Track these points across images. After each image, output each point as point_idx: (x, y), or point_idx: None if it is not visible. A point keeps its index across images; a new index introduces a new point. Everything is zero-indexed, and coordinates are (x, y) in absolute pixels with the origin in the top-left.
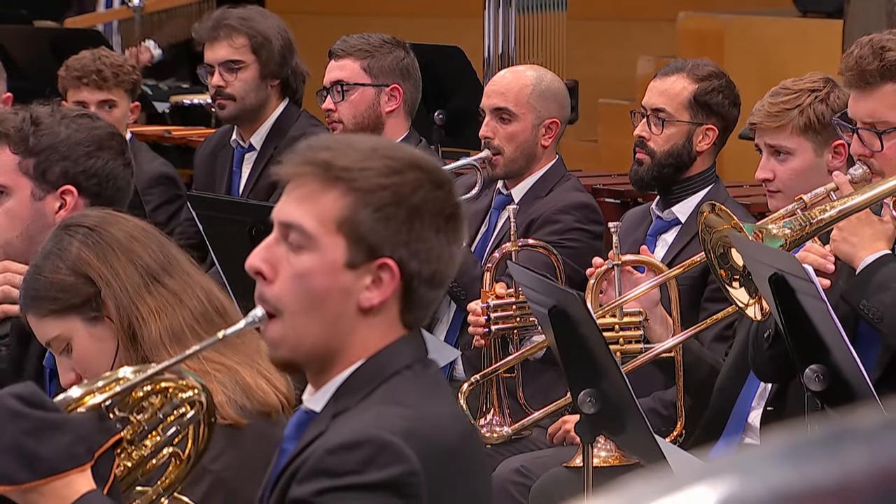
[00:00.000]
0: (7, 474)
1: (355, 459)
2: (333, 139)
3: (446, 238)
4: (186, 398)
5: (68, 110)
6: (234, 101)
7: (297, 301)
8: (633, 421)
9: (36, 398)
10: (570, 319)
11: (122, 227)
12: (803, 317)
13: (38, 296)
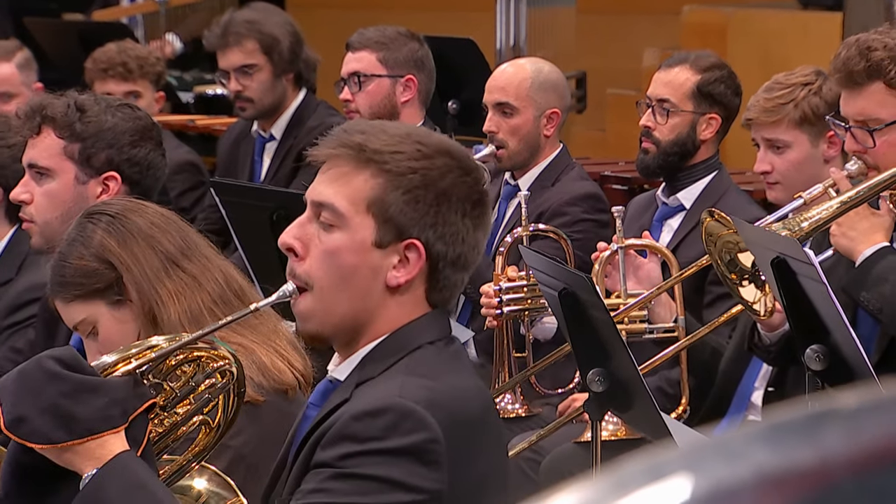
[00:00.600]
0: (45, 434)
1: (379, 426)
2: (368, 124)
3: (472, 223)
4: (218, 367)
5: (111, 99)
6: (252, 103)
7: (326, 277)
8: (639, 399)
9: (74, 361)
10: (580, 301)
11: (144, 215)
12: (804, 299)
13: (64, 282)
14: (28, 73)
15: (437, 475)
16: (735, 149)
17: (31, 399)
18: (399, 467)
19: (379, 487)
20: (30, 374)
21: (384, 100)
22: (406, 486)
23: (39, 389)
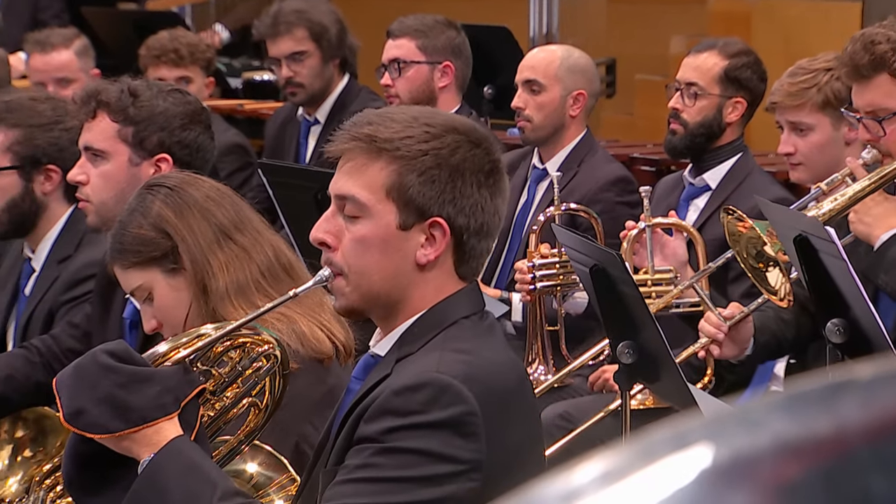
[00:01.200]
0: (102, 424)
1: (419, 400)
2: (375, 114)
3: (489, 192)
4: (262, 352)
5: (162, 85)
6: (303, 88)
7: (358, 263)
8: (667, 370)
9: (126, 354)
10: (610, 277)
11: (200, 188)
12: (825, 274)
13: (123, 249)
14: (86, 60)
15: (475, 446)
16: (759, 132)
17: (88, 392)
18: (439, 439)
19: (421, 460)
20: (85, 368)
21: (423, 85)
22: (446, 457)
23: (95, 382)
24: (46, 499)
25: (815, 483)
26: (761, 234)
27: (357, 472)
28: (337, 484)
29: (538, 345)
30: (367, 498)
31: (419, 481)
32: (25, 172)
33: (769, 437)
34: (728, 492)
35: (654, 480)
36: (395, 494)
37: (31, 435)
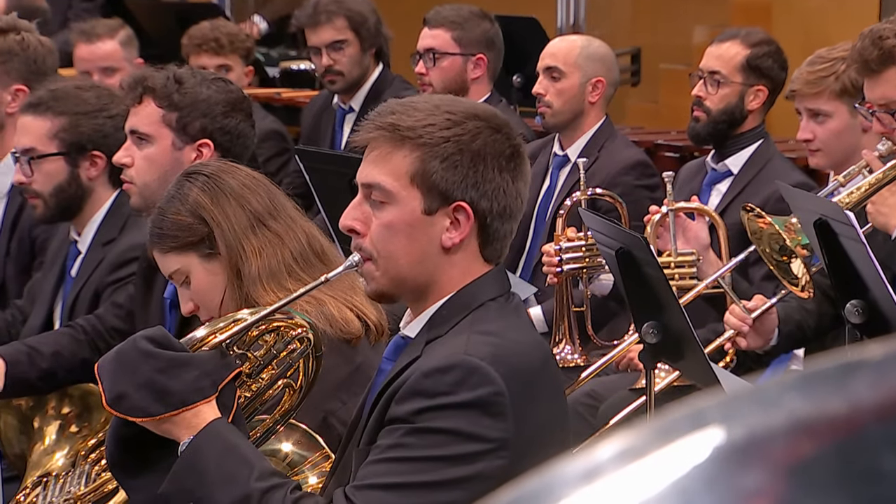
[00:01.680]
0: (143, 408)
1: (448, 381)
2: (398, 103)
3: (510, 175)
4: (296, 335)
5: (206, 73)
6: (342, 76)
7: (386, 248)
8: (690, 349)
9: (165, 340)
10: (635, 260)
11: (236, 176)
12: (845, 257)
13: (162, 234)
14: (130, 50)
15: (502, 425)
16: (780, 119)
17: (129, 377)
18: (467, 419)
19: (450, 440)
20: (126, 354)
21: (456, 76)
22: (475, 436)
23: (136, 368)
24: (91, 472)
25: (827, 461)
26: (780, 230)
27: (388, 451)
28: (369, 463)
29: (565, 325)
30: (399, 477)
31: (449, 460)
32: (71, 158)
33: (783, 416)
34: (742, 470)
35: (670, 459)
36: (426, 473)
37: (76, 411)
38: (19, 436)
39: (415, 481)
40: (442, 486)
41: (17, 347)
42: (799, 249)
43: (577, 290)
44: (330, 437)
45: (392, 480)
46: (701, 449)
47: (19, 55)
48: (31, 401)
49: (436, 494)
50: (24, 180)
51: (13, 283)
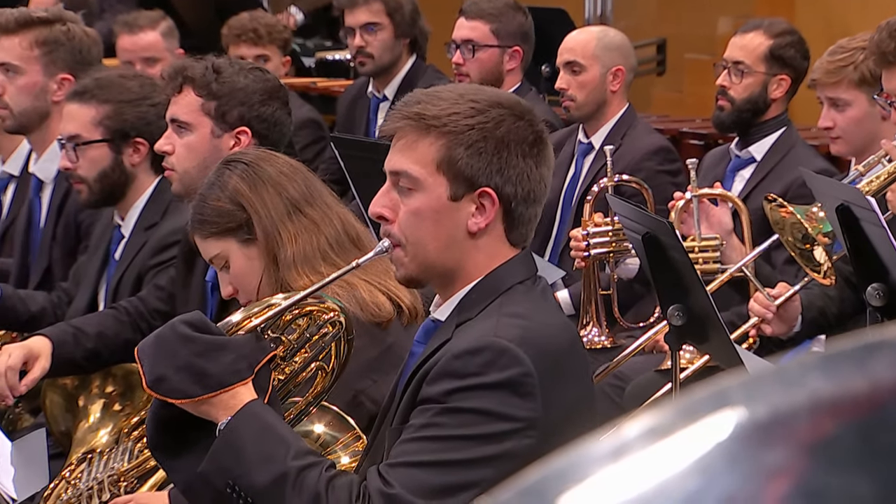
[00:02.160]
0: (182, 390)
1: (478, 363)
2: (423, 93)
3: (534, 161)
4: (328, 319)
5: (243, 63)
6: (372, 59)
7: (414, 234)
8: (715, 331)
9: (203, 324)
10: (661, 244)
11: (274, 164)
12: (866, 242)
13: (202, 220)
14: (171, 40)
15: (531, 405)
16: (803, 107)
17: (168, 360)
18: (497, 399)
19: (480, 419)
20: (165, 337)
21: (493, 67)
22: (504, 416)
23: (175, 351)
24: (134, 449)
25: (848, 439)
26: (801, 219)
27: (421, 431)
28: (402, 442)
29: (592, 308)
30: (431, 455)
31: (479, 439)
32: (115, 145)
33: (805, 395)
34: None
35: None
36: (457, 451)
37: (119, 390)
38: (65, 414)
39: (446, 459)
40: (472, 463)
41: (63, 328)
42: (820, 237)
43: (603, 274)
44: (360, 415)
45: (424, 458)
46: (724, 427)
47: (65, 45)
48: (76, 380)
49: (466, 472)
50: (70, 166)
51: (59, 266)
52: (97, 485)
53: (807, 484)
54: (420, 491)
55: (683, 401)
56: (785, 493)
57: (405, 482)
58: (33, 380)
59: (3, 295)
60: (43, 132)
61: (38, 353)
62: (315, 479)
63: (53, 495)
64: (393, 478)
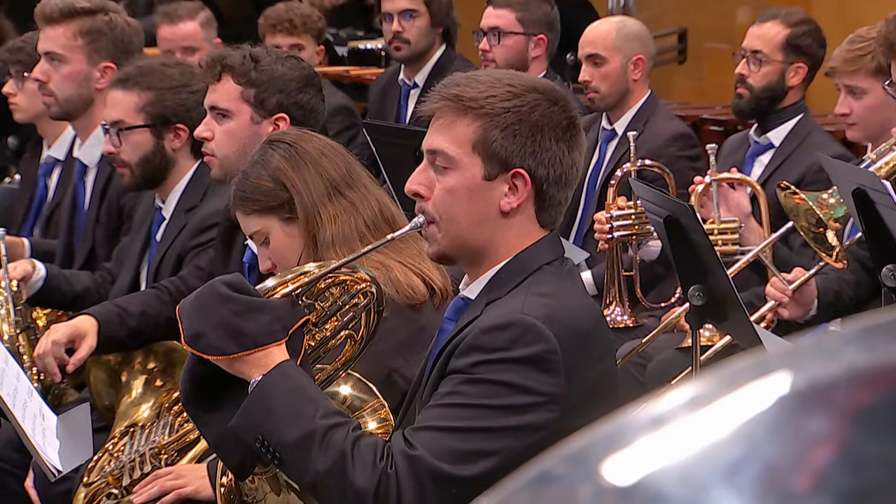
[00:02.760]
0: (218, 347)
1: (504, 338)
2: (462, 76)
3: (566, 145)
4: (360, 289)
5: (280, 52)
6: (408, 44)
7: (448, 211)
8: (734, 311)
9: (242, 285)
10: (682, 227)
11: (315, 145)
12: (881, 224)
13: (245, 197)
14: (209, 31)
15: (554, 380)
16: (819, 94)
17: (207, 318)
18: (521, 374)
19: (503, 391)
20: (205, 296)
21: (518, 54)
22: (527, 389)
23: (213, 309)
24: (175, 423)
25: (888, 408)
26: (813, 206)
27: (446, 398)
28: (428, 408)
29: (615, 289)
30: (454, 421)
31: (501, 409)
32: (156, 130)
33: (844, 366)
34: (806, 416)
35: (736, 405)
36: (479, 419)
37: (161, 366)
38: (108, 389)
39: (468, 426)
40: (493, 432)
41: (108, 307)
42: (832, 223)
43: (626, 256)
44: (393, 392)
45: (447, 424)
46: (766, 396)
47: (107, 35)
48: (119, 356)
49: (487, 440)
50: (113, 150)
51: (102, 248)
52: (139, 457)
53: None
54: (441, 454)
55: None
56: (827, 460)
57: (427, 445)
58: (80, 358)
59: (48, 275)
60: (87, 118)
61: (84, 331)
62: (342, 438)
63: (97, 467)
64: (416, 440)
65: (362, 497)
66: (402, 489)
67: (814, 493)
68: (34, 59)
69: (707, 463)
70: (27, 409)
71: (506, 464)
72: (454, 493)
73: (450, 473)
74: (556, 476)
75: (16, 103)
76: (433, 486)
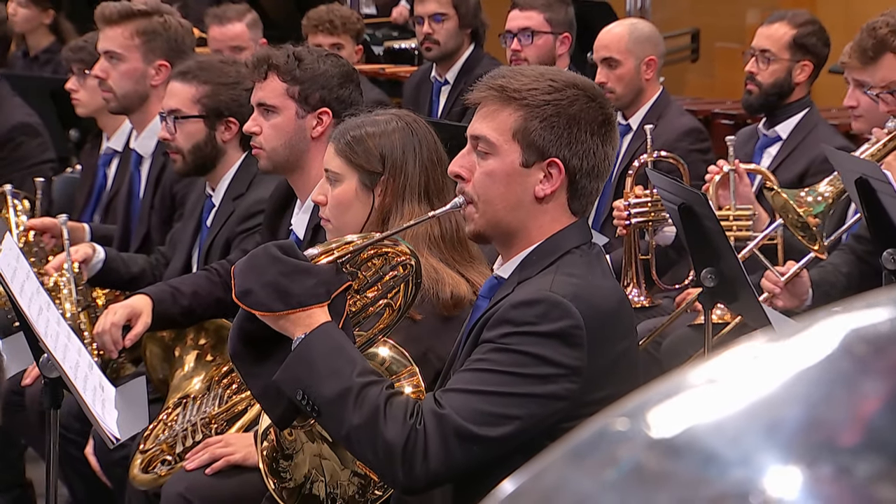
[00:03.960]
0: (266, 304)
1: (533, 313)
2: (508, 69)
3: (600, 140)
4: (400, 261)
5: (321, 50)
6: (438, 45)
7: (486, 193)
8: (744, 292)
9: (291, 250)
10: (696, 214)
11: (432, 150)
12: (882, 210)
13: (350, 141)
14: (255, 31)
15: (577, 354)
16: (824, 90)
17: (257, 276)
18: (547, 347)
19: (529, 361)
20: (257, 256)
21: (547, 52)
22: (551, 361)
23: (264, 269)
24: (224, 395)
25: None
26: (792, 204)
27: (475, 364)
28: (458, 372)
29: (632, 271)
30: (481, 385)
31: (526, 377)
32: (210, 122)
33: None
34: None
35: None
36: (505, 385)
37: (211, 342)
38: (163, 363)
39: (494, 390)
40: (517, 398)
41: (162, 287)
42: (810, 219)
43: (643, 241)
44: (427, 371)
45: (474, 387)
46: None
47: (162, 35)
48: (172, 333)
49: (510, 405)
50: (168, 137)
51: (157, 232)
52: (191, 426)
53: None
54: (467, 414)
55: (771, 334)
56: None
57: (455, 405)
58: (136, 335)
59: (107, 257)
60: (143, 112)
61: (140, 310)
62: (376, 395)
63: (152, 435)
64: (445, 401)
65: (392, 450)
66: (429, 444)
67: (860, 447)
68: (94, 57)
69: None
70: (88, 381)
71: (527, 428)
72: (476, 452)
73: (475, 433)
74: (615, 431)
75: (78, 99)
76: (458, 444)
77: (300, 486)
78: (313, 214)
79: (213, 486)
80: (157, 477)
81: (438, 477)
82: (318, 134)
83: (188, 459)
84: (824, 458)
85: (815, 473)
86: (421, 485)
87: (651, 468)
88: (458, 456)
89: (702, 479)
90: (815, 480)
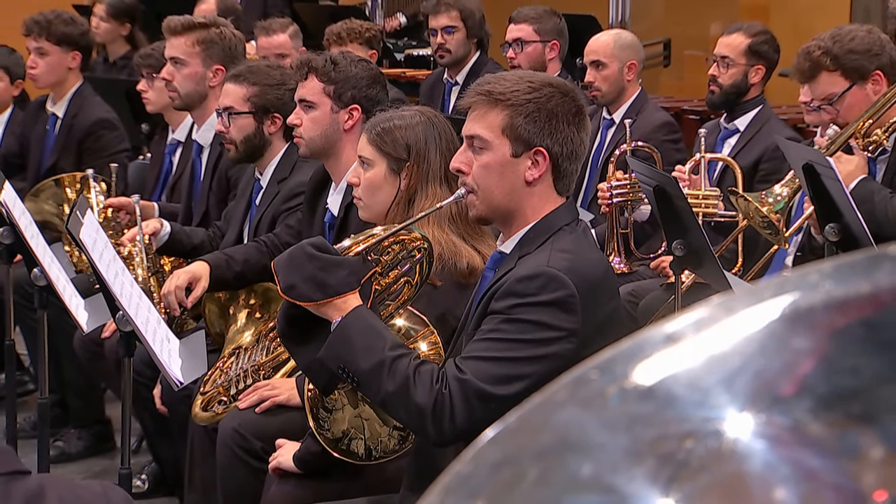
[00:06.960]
0: (307, 295)
1: (534, 286)
2: (491, 77)
3: (576, 128)
4: (415, 246)
5: (353, 56)
6: (450, 53)
7: (484, 183)
8: (708, 261)
9: (324, 247)
10: (668, 195)
11: (446, 138)
12: (825, 191)
13: (379, 131)
14: (296, 41)
15: (573, 318)
16: (775, 90)
17: (298, 273)
18: (548, 314)
19: (534, 328)
20: (296, 255)
21: (538, 58)
22: (553, 326)
23: (302, 266)
24: (270, 346)
25: (859, 330)
26: (757, 205)
27: (488, 334)
28: (474, 342)
29: (614, 243)
30: (495, 352)
31: (532, 342)
32: (258, 117)
33: (822, 295)
34: (793, 335)
35: (736, 326)
36: (515, 350)
37: (260, 302)
38: (219, 319)
39: (506, 356)
40: (525, 360)
41: (218, 255)
42: (772, 215)
43: (623, 217)
44: (445, 329)
45: (489, 354)
46: (759, 319)
47: (218, 43)
48: (227, 294)
49: (521, 366)
50: (224, 130)
51: (214, 210)
52: (243, 372)
53: (825, 363)
54: (485, 377)
55: (724, 299)
56: (808, 370)
57: (474, 370)
58: (196, 297)
59: (172, 231)
60: (202, 109)
61: (199, 275)
62: (405, 366)
63: (210, 380)
64: (465, 367)
65: (423, 412)
66: (455, 405)
67: (796, 396)
68: (161, 62)
69: (710, 371)
70: (156, 334)
71: (535, 384)
72: (494, 409)
73: (492, 393)
74: (590, 379)
75: (147, 98)
76: (479, 403)
77: (338, 440)
78: (346, 195)
79: (261, 422)
80: (215, 415)
81: (464, 432)
82: (349, 127)
83: (241, 400)
84: (770, 406)
85: (763, 418)
86: (450, 440)
87: (629, 409)
88: (479, 413)
89: (674, 418)
90: (764, 423)
